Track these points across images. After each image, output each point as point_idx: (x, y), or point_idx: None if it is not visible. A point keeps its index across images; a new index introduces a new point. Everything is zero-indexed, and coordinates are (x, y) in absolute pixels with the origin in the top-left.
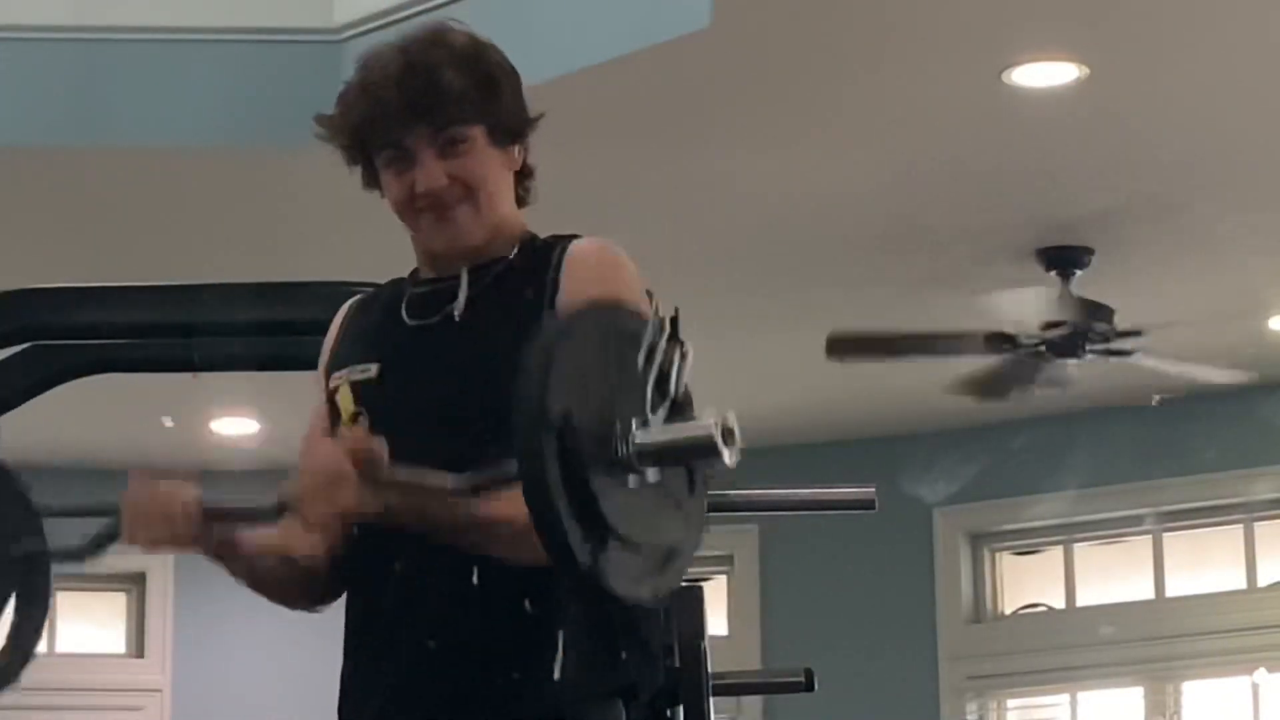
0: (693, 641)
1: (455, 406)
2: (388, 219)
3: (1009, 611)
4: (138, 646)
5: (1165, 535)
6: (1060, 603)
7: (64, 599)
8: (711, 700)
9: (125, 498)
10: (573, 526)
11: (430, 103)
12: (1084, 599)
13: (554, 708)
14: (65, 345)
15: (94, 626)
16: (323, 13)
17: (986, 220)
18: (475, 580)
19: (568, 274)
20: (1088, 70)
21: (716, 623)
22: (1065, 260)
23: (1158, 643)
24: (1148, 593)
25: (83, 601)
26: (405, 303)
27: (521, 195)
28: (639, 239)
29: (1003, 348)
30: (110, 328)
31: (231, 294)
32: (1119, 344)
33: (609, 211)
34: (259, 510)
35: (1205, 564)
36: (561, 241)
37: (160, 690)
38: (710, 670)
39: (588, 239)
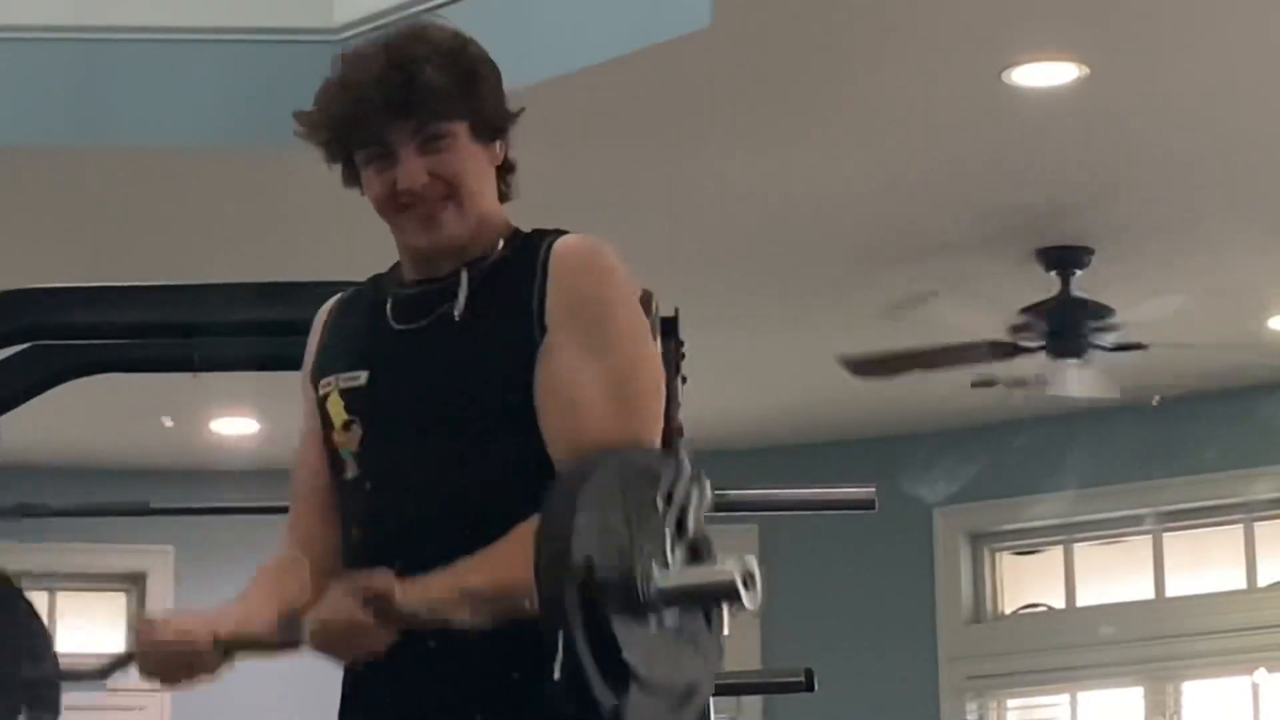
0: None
1: (447, 410)
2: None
3: (1009, 611)
4: None
5: (1165, 535)
6: (1060, 603)
7: (64, 599)
8: (712, 700)
9: (139, 642)
10: (594, 672)
11: (411, 99)
12: (1084, 599)
13: (554, 708)
14: (65, 345)
15: (94, 626)
16: (323, 13)
17: (986, 220)
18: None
19: (554, 278)
20: (1088, 70)
21: None
22: (1065, 260)
23: (1158, 643)
24: (1148, 593)
25: (83, 601)
26: (390, 305)
27: (504, 190)
28: (639, 239)
29: (1007, 354)
30: (110, 328)
31: (231, 294)
32: (1119, 343)
33: (609, 211)
34: (278, 642)
35: (1205, 564)
36: (548, 238)
37: (160, 690)
38: None
39: (574, 237)
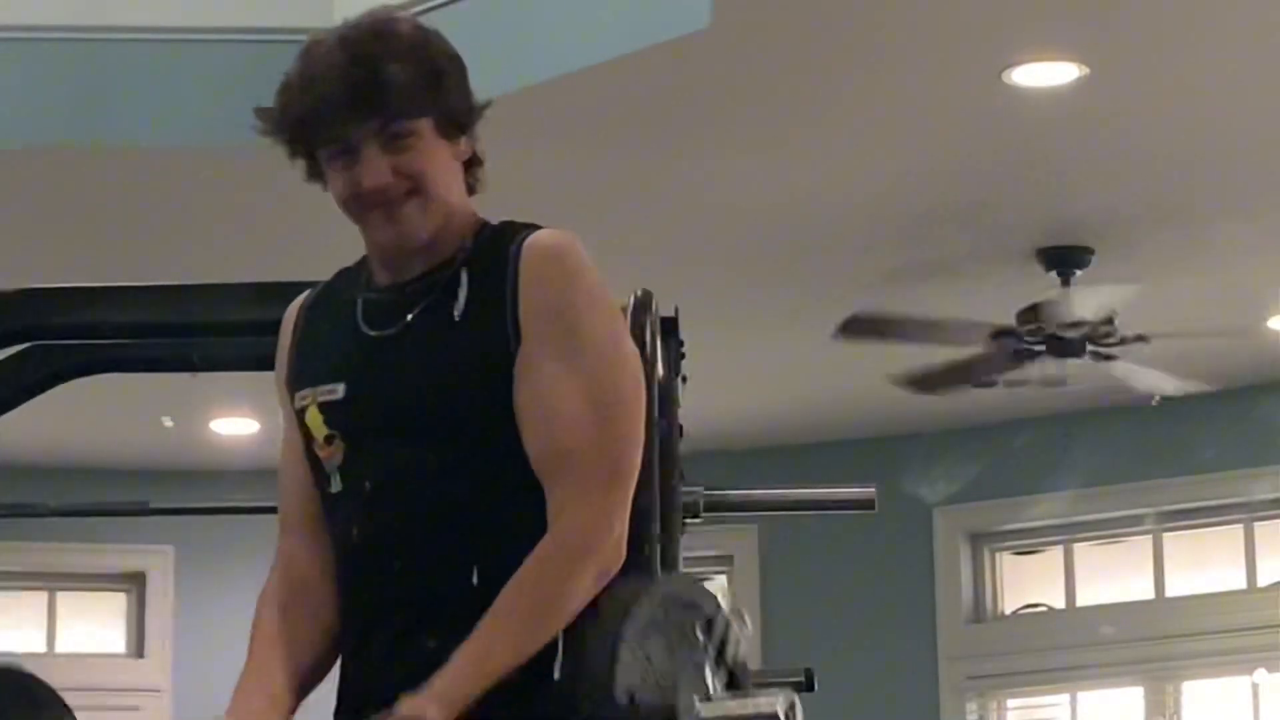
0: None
1: (428, 417)
2: None
3: (1009, 611)
4: (138, 646)
5: (1165, 535)
6: (1060, 603)
7: (64, 599)
8: None
9: None
10: None
11: (374, 98)
12: (1084, 599)
13: (554, 708)
14: (65, 345)
15: (94, 626)
16: (323, 13)
17: (987, 220)
18: (475, 580)
19: (525, 283)
20: (1088, 70)
21: None
22: (1065, 260)
23: (1158, 643)
24: (1148, 593)
25: (83, 601)
26: (361, 310)
27: (471, 184)
28: (639, 239)
29: (1007, 342)
30: (110, 328)
31: (231, 294)
32: (1119, 343)
33: (609, 211)
34: None
35: (1205, 564)
36: (518, 236)
37: (160, 690)
38: None
39: (543, 236)
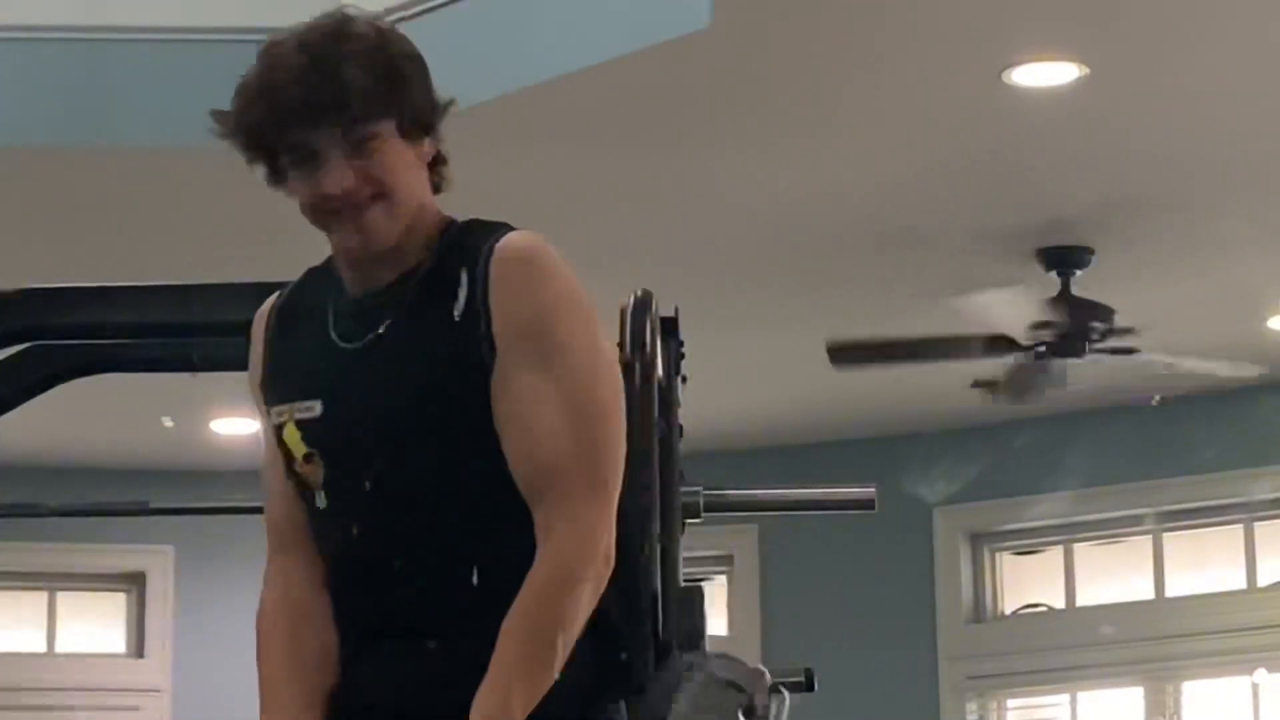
0: (693, 642)
1: (408, 427)
2: None
3: (1009, 611)
4: (138, 646)
5: (1165, 535)
6: (1060, 603)
7: (64, 599)
8: None
9: None
10: None
11: (334, 102)
12: (1084, 599)
13: (555, 708)
14: (65, 345)
15: (94, 626)
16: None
17: (986, 220)
18: (475, 580)
19: (496, 293)
20: (1088, 70)
21: (716, 623)
22: (1065, 260)
23: (1158, 643)
24: (1148, 593)
25: (83, 601)
26: (334, 320)
27: (437, 183)
28: (639, 239)
29: (1003, 351)
30: (110, 328)
31: (231, 294)
32: (1119, 343)
33: (609, 211)
34: None
35: (1205, 564)
36: (488, 239)
37: (160, 690)
38: None
39: (513, 240)
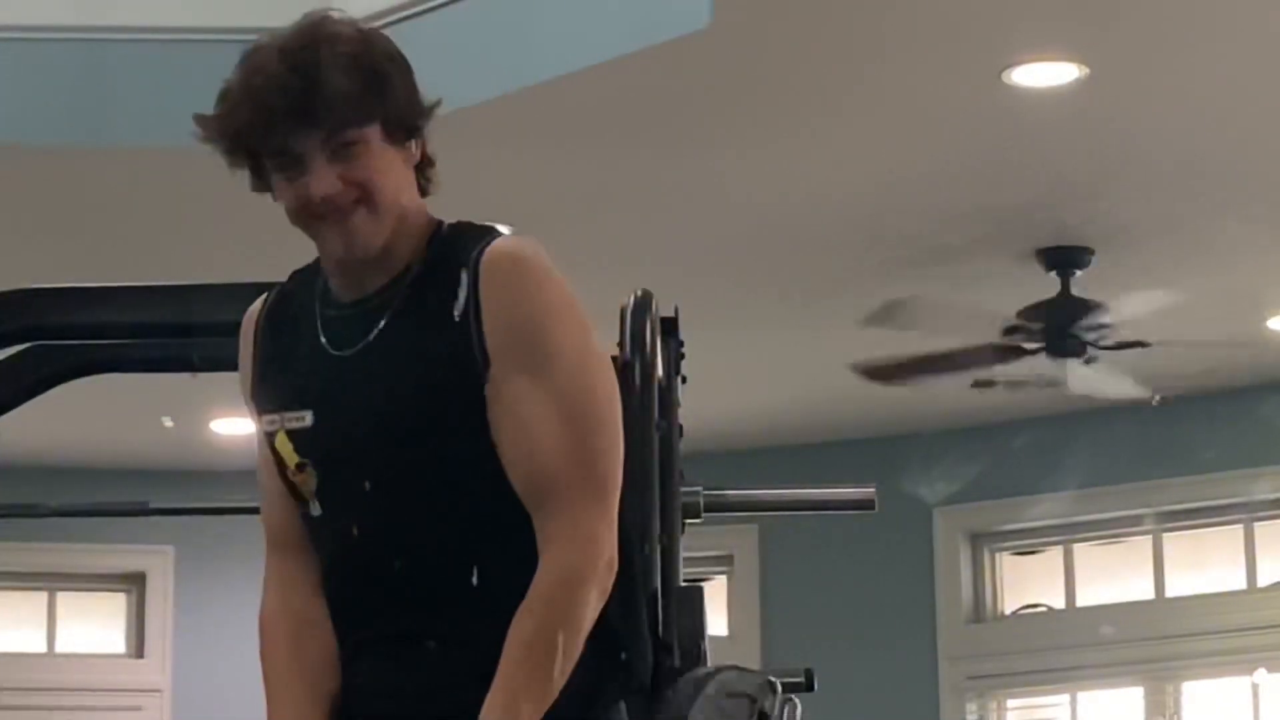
0: (693, 641)
1: (401, 434)
2: None
3: (1009, 611)
4: (138, 646)
5: (1165, 535)
6: (1060, 603)
7: (64, 599)
8: None
9: None
10: None
11: (316, 108)
12: (1084, 599)
13: (555, 708)
14: (65, 345)
15: (94, 626)
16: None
17: (986, 220)
18: (475, 580)
19: (487, 299)
20: (1088, 70)
21: (716, 623)
22: (1065, 260)
23: (1158, 643)
24: (1148, 593)
25: (83, 601)
26: (322, 326)
27: (424, 185)
28: (639, 239)
29: (1012, 357)
30: (110, 328)
31: (231, 294)
32: (1119, 344)
33: (610, 211)
34: None
35: (1205, 564)
36: (478, 242)
37: (160, 690)
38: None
39: (502, 246)
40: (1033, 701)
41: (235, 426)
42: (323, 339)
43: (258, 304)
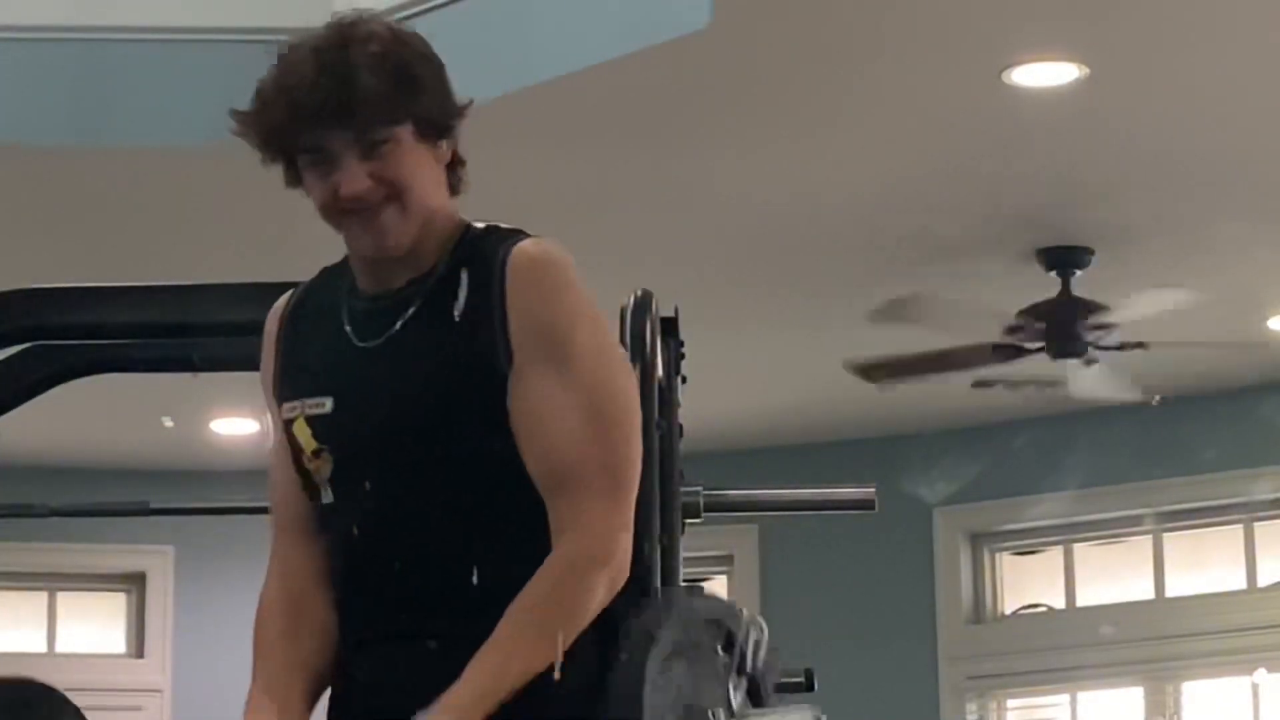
0: None
1: (418, 427)
2: None
3: (1009, 611)
4: (138, 646)
5: (1165, 535)
6: (1060, 603)
7: (64, 599)
8: None
9: None
10: None
11: (348, 107)
12: (1084, 599)
13: (554, 709)
14: (65, 345)
15: (94, 626)
16: (322, 13)
17: (987, 220)
18: (475, 580)
19: (512, 296)
20: (1088, 70)
21: None
22: (1065, 260)
23: (1158, 643)
24: (1148, 593)
25: (83, 601)
26: (348, 319)
27: (454, 185)
28: (639, 239)
29: (1010, 356)
30: (110, 328)
31: (231, 294)
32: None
33: (609, 211)
34: None
35: (1205, 564)
36: (503, 243)
37: (160, 690)
38: None
39: (528, 247)
40: (1033, 701)
41: (235, 426)
42: (347, 329)
43: (283, 300)
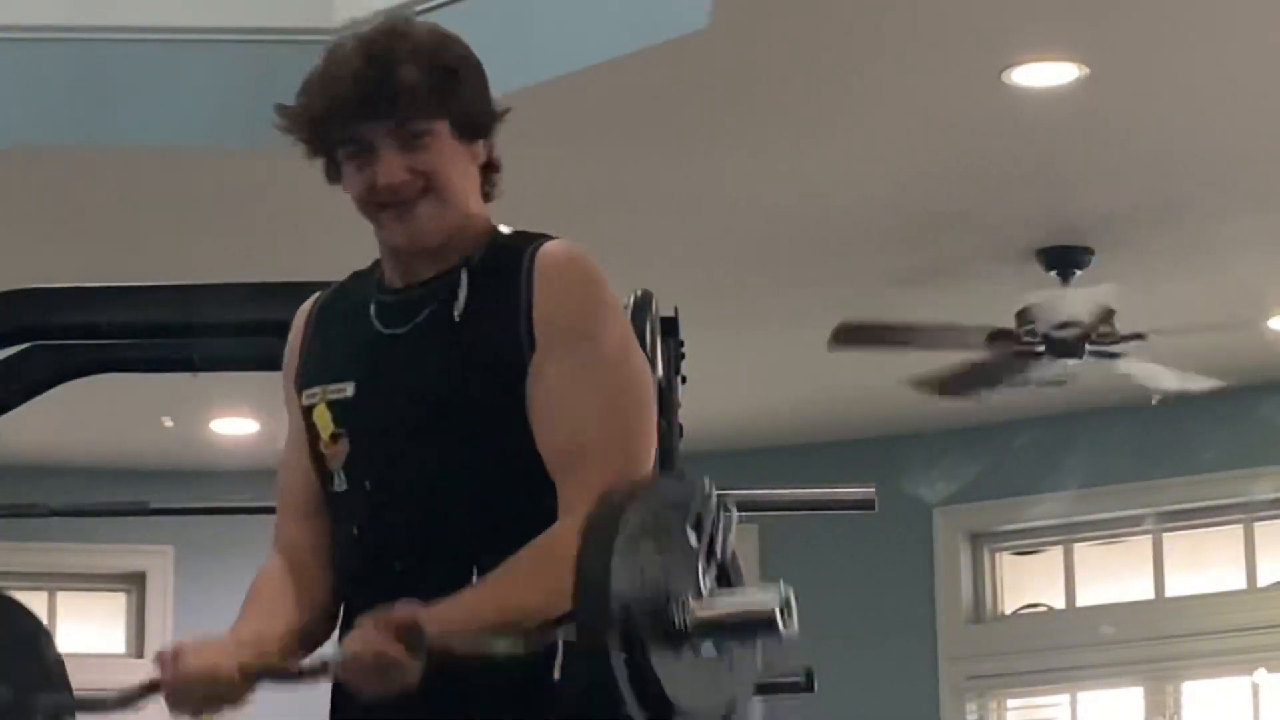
0: None
1: (436, 416)
2: None
3: (1009, 611)
4: (138, 646)
5: (1165, 535)
6: (1060, 603)
7: (64, 599)
8: None
9: (165, 675)
10: (637, 711)
11: (388, 98)
12: (1084, 599)
13: (554, 708)
14: (65, 345)
15: (94, 626)
16: (323, 13)
17: (987, 220)
18: (475, 580)
19: (539, 291)
20: (1088, 70)
21: None
22: (1065, 260)
23: (1158, 643)
24: (1148, 593)
25: (83, 601)
26: (375, 310)
27: (488, 190)
28: (639, 239)
29: (1004, 344)
30: (110, 328)
31: (231, 294)
32: (1118, 344)
33: (609, 211)
34: (303, 670)
35: (1205, 564)
36: (531, 244)
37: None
38: None
39: (557, 245)
40: (1033, 701)
41: (235, 426)
42: (373, 319)
43: (311, 299)
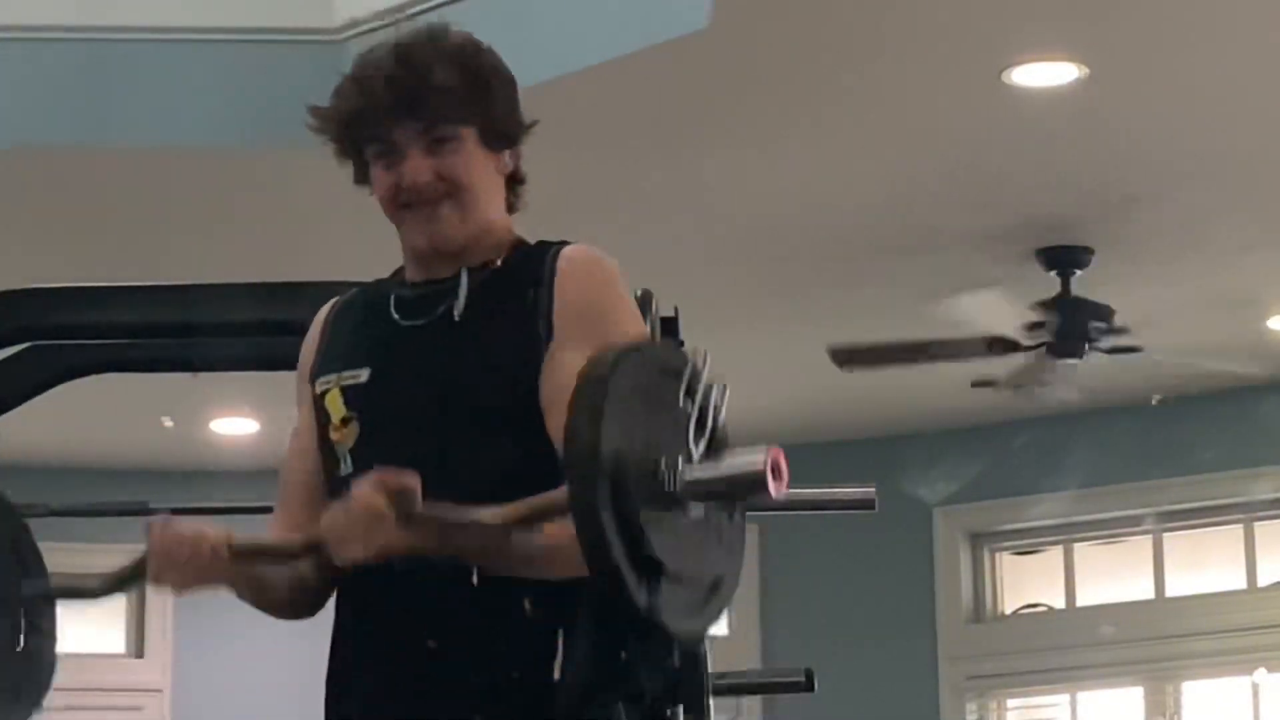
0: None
1: (447, 407)
2: (387, 219)
3: (1009, 611)
4: (138, 646)
5: (1165, 535)
6: (1060, 603)
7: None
8: (711, 700)
9: (151, 543)
10: (628, 569)
11: (419, 99)
12: (1084, 599)
13: (553, 708)
14: (65, 345)
15: (94, 626)
16: (323, 13)
17: (987, 220)
18: (475, 579)
19: (560, 284)
20: (1088, 70)
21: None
22: (1065, 260)
23: (1158, 643)
24: (1148, 593)
25: (82, 602)
26: (394, 303)
27: (512, 201)
28: (639, 239)
29: (1003, 352)
30: (110, 328)
31: (231, 294)
32: (1119, 343)
33: (609, 211)
34: (286, 548)
35: (1205, 564)
36: (552, 247)
37: (160, 690)
38: (710, 670)
39: (577, 246)
40: (1033, 701)
41: (235, 426)
42: (393, 312)
43: (330, 302)
